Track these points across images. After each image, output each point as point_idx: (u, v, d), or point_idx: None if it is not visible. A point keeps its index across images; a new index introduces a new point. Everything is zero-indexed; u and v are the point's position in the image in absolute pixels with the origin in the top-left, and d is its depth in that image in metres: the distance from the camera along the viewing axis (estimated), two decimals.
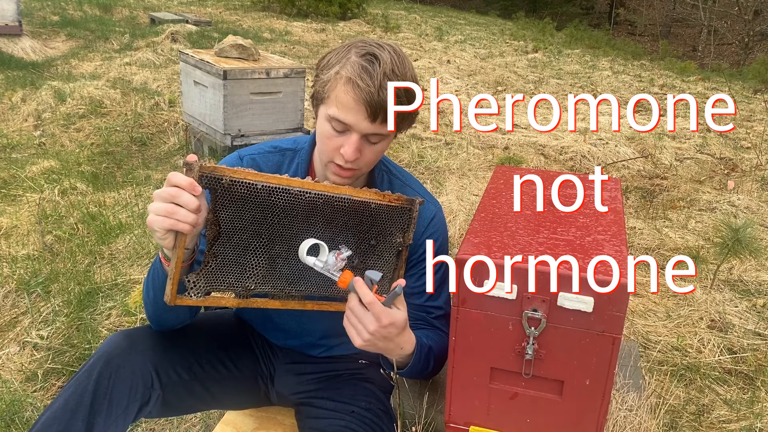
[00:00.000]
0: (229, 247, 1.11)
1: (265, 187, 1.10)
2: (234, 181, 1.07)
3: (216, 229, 1.09)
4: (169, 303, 1.08)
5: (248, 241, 1.12)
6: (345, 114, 1.15)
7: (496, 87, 7.69)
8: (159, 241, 1.05)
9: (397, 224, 1.24)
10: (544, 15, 18.37)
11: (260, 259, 1.14)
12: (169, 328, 1.31)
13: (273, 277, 1.16)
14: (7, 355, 2.19)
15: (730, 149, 5.44)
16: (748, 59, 15.07)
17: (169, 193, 1.02)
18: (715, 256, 3.07)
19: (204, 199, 1.06)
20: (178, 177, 1.02)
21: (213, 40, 7.74)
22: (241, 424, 1.51)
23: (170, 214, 1.01)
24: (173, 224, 1.02)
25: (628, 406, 1.80)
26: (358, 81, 1.13)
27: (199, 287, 1.10)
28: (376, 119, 1.15)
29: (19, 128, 4.84)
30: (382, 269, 1.25)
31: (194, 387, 1.32)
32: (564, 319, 1.10)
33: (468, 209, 3.65)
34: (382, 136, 1.20)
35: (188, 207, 1.02)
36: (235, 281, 1.13)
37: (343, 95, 1.15)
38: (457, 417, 1.23)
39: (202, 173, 1.04)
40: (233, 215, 1.09)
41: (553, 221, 1.28)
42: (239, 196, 1.08)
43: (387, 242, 1.25)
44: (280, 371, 1.46)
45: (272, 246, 1.14)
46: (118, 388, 1.18)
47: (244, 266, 1.13)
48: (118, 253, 2.91)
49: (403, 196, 1.23)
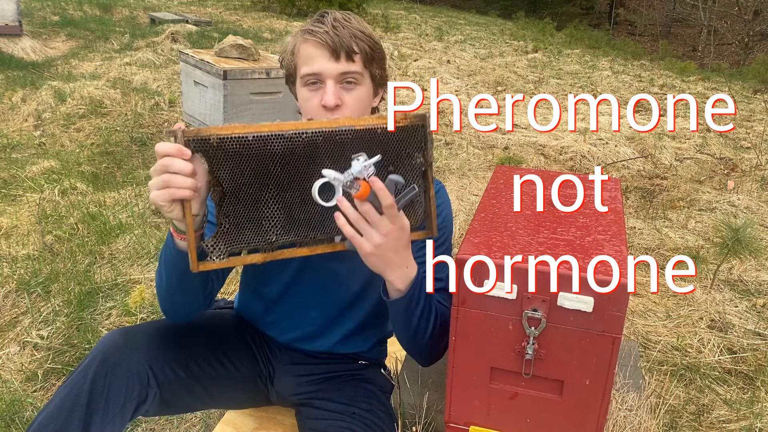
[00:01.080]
0: (238, 204, 1.09)
1: (257, 137, 1.07)
2: (222, 138, 1.05)
3: (220, 190, 1.07)
4: (192, 270, 1.07)
5: (257, 195, 1.10)
6: (311, 64, 1.22)
7: (496, 87, 7.69)
8: (167, 215, 1.05)
9: (412, 144, 1.17)
10: (544, 15, 18.37)
11: (274, 209, 1.12)
12: (185, 315, 1.30)
13: (293, 225, 1.13)
14: (7, 355, 2.19)
15: (730, 149, 5.45)
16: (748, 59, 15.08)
17: (162, 164, 1.01)
18: (715, 256, 3.07)
19: (198, 162, 1.05)
20: (165, 146, 1.02)
21: (213, 40, 7.74)
22: (241, 424, 1.51)
23: (167, 183, 1.01)
24: (173, 193, 1.01)
25: (628, 406, 1.79)
26: (312, 29, 1.22)
27: (219, 249, 1.09)
28: (340, 57, 1.21)
29: (19, 128, 4.84)
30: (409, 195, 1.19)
31: (192, 385, 1.31)
32: (564, 319, 1.10)
33: (468, 209, 3.65)
34: (354, 75, 1.24)
35: (182, 172, 1.01)
36: (255, 237, 1.11)
37: (305, 49, 1.23)
38: (457, 417, 1.23)
39: (187, 138, 1.03)
40: (232, 172, 1.07)
41: (553, 221, 1.28)
42: (233, 152, 1.06)
43: (406, 166, 1.17)
44: (279, 372, 1.46)
45: (283, 194, 1.11)
46: (115, 386, 1.17)
47: (260, 220, 1.11)
48: (118, 253, 2.91)
49: (410, 114, 1.16)
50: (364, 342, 1.47)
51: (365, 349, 1.48)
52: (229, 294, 2.52)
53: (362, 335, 1.46)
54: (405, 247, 1.13)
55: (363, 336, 1.46)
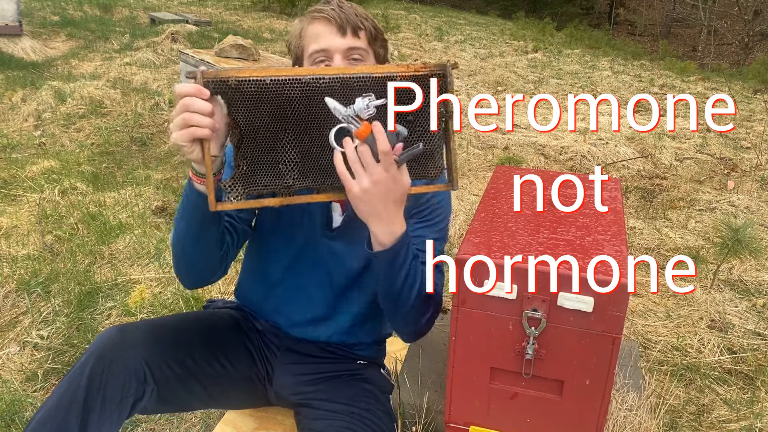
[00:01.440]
0: (255, 147, 1.10)
1: (275, 80, 1.08)
2: (240, 80, 1.07)
3: (238, 132, 1.09)
4: (211, 209, 1.09)
5: (274, 138, 1.11)
6: (319, 41, 1.25)
7: (496, 87, 7.69)
8: (188, 155, 1.08)
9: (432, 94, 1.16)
10: (544, 15, 18.36)
11: (291, 154, 1.12)
12: (200, 276, 1.32)
13: (311, 170, 1.14)
14: (7, 355, 2.19)
15: (730, 149, 5.44)
16: (748, 59, 15.08)
17: (182, 104, 1.04)
18: (715, 256, 3.07)
19: (217, 104, 1.08)
20: (185, 86, 1.05)
21: (213, 40, 7.73)
22: (241, 424, 1.51)
23: (187, 121, 1.04)
24: (193, 131, 1.04)
25: (628, 406, 1.79)
26: (318, 8, 1.26)
27: (237, 190, 1.10)
28: (346, 32, 1.24)
29: (19, 128, 4.84)
30: (429, 144, 1.18)
31: (189, 382, 1.31)
32: (564, 319, 1.10)
33: (468, 209, 3.65)
34: (360, 51, 1.27)
35: (202, 111, 1.04)
36: (272, 180, 1.12)
37: (312, 29, 1.27)
38: (457, 417, 1.23)
39: (206, 79, 1.05)
40: (250, 115, 1.09)
41: (553, 221, 1.28)
42: (251, 94, 1.08)
43: (426, 115, 1.17)
44: (278, 372, 1.46)
45: (301, 139, 1.12)
46: (111, 383, 1.17)
47: (276, 164, 1.12)
48: (118, 253, 2.91)
49: (430, 62, 1.15)
50: (366, 335, 1.46)
51: (368, 341, 1.47)
52: (229, 294, 2.52)
53: (364, 326, 1.45)
54: (395, 202, 1.12)
55: (364, 328, 1.46)
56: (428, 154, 1.18)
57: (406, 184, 1.12)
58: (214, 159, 1.09)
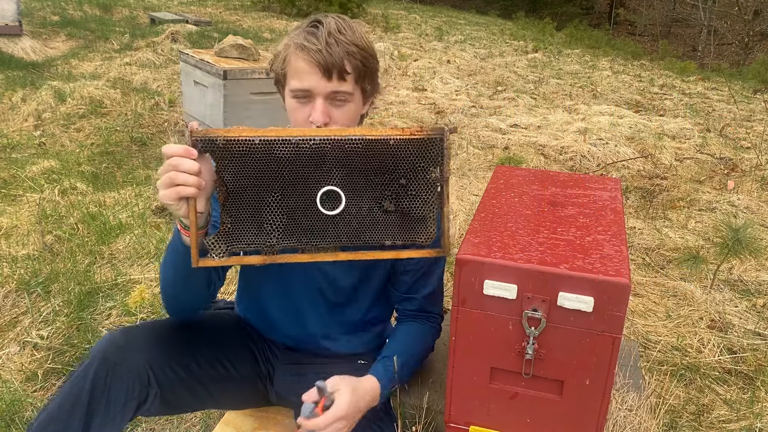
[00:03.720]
0: (241, 205, 1.10)
1: (264, 141, 1.08)
2: (229, 140, 1.07)
3: (225, 190, 1.09)
4: (193, 265, 1.09)
5: (260, 198, 1.11)
6: (302, 80, 1.21)
7: (496, 87, 7.69)
8: (175, 212, 1.08)
9: (427, 158, 1.13)
10: (544, 15, 18.36)
11: (276, 213, 1.12)
12: (188, 312, 1.32)
13: (295, 231, 1.13)
14: (7, 355, 2.19)
15: (730, 149, 5.44)
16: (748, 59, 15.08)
17: (169, 164, 1.05)
18: (715, 256, 3.07)
19: (205, 161, 1.08)
20: (172, 147, 1.05)
21: (213, 40, 7.73)
22: (241, 424, 1.51)
23: (172, 180, 1.04)
24: (179, 190, 1.04)
25: (628, 406, 1.79)
26: (306, 44, 1.19)
27: (220, 248, 1.11)
28: (332, 77, 1.20)
29: (19, 128, 4.84)
30: (422, 210, 1.16)
31: (192, 385, 1.31)
32: (564, 319, 1.10)
33: (468, 209, 3.65)
34: (344, 94, 1.23)
35: (189, 171, 1.04)
36: (256, 239, 1.12)
37: (296, 62, 1.21)
38: (457, 417, 1.23)
39: (194, 138, 1.06)
40: (237, 174, 1.09)
41: (553, 221, 1.28)
42: (239, 154, 1.08)
43: (420, 180, 1.14)
44: (279, 372, 1.46)
45: (287, 199, 1.12)
46: (115, 386, 1.18)
47: (261, 223, 1.12)
48: (118, 253, 2.91)
49: (427, 127, 1.13)
50: (365, 342, 1.47)
51: (365, 351, 1.48)
52: (229, 294, 2.52)
53: (362, 335, 1.46)
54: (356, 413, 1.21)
55: (363, 336, 1.47)
56: (419, 219, 1.15)
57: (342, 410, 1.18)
58: (200, 215, 1.09)
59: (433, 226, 1.17)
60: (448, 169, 1.14)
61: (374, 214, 1.14)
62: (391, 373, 1.30)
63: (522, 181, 1.50)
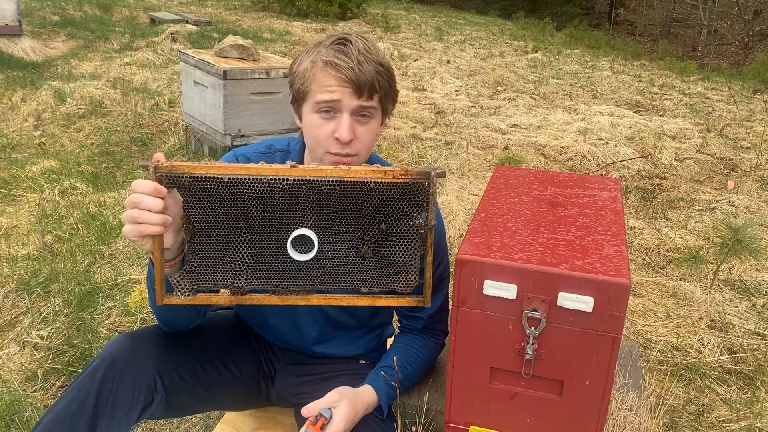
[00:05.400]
0: (207, 244, 1.05)
1: (233, 179, 1.02)
2: (195, 177, 1.01)
3: (191, 228, 1.05)
4: (157, 303, 1.07)
5: (228, 237, 1.06)
6: (331, 93, 1.18)
7: (496, 87, 7.68)
8: (140, 247, 1.06)
9: (411, 203, 1.06)
10: (544, 15, 18.35)
11: (244, 254, 1.07)
12: (179, 328, 1.32)
13: (264, 272, 1.08)
14: (7, 355, 2.19)
15: (730, 149, 5.44)
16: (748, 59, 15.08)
17: (131, 201, 1.02)
18: (715, 256, 3.07)
19: (171, 198, 1.05)
20: (139, 184, 1.02)
21: (213, 40, 7.73)
22: (241, 424, 1.51)
23: (135, 219, 1.01)
24: (142, 229, 1.01)
25: (628, 406, 1.79)
26: (336, 61, 1.17)
27: (185, 286, 1.07)
28: (362, 94, 1.18)
29: (19, 128, 4.83)
30: (403, 257, 1.10)
31: (197, 389, 1.32)
32: (564, 319, 1.10)
33: (468, 209, 3.65)
34: (370, 111, 1.22)
35: (152, 209, 1.01)
36: (223, 279, 1.08)
37: (326, 78, 1.18)
38: (457, 417, 1.23)
39: (159, 174, 1.01)
40: (204, 212, 1.04)
41: (553, 221, 1.28)
42: (206, 191, 1.02)
43: (402, 226, 1.08)
44: (280, 372, 1.47)
45: (257, 240, 1.06)
46: (122, 390, 1.18)
47: (228, 263, 1.07)
48: (118, 253, 2.91)
49: (412, 170, 1.04)
50: (364, 344, 1.48)
51: (365, 352, 1.49)
52: None
53: (361, 338, 1.47)
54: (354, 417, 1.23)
55: (362, 340, 1.47)
56: (399, 267, 1.10)
57: (341, 425, 1.18)
58: (168, 250, 1.06)
59: (414, 274, 1.12)
60: (432, 216, 1.07)
61: (350, 258, 1.08)
62: (392, 389, 1.32)
63: (522, 181, 1.50)
